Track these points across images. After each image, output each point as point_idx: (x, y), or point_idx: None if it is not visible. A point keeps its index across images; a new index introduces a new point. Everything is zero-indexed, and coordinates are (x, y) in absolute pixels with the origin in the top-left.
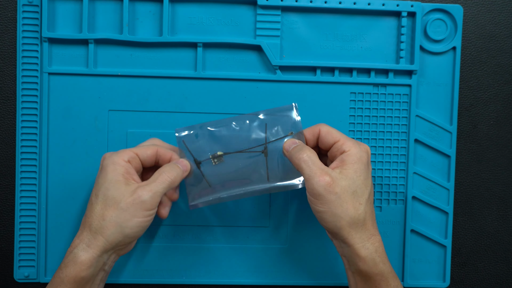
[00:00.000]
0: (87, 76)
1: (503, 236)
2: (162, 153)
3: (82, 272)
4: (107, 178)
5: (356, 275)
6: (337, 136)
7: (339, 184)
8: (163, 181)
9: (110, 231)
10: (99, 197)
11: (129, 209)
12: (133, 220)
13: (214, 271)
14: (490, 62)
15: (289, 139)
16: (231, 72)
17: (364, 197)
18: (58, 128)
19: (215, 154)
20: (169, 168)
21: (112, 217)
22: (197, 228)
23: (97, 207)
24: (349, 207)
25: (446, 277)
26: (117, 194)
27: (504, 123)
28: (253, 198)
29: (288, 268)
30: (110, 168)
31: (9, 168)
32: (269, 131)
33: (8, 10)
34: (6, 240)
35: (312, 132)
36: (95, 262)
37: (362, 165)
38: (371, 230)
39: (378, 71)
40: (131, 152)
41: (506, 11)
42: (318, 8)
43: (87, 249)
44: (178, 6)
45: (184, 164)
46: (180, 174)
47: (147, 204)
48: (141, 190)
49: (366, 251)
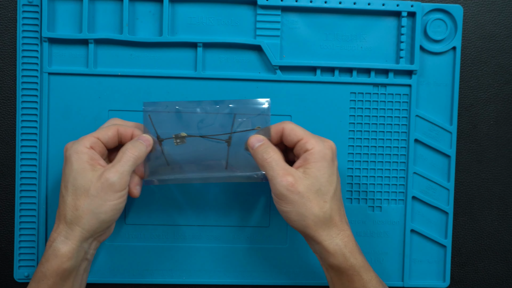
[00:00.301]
0: (87, 76)
1: (503, 236)
2: (123, 132)
3: (64, 264)
4: (73, 168)
5: (329, 270)
6: (301, 134)
7: (302, 183)
8: (127, 160)
9: (85, 220)
10: (69, 188)
11: (100, 194)
12: (106, 205)
13: (214, 271)
14: (490, 62)
15: (253, 135)
16: (231, 72)
17: (329, 194)
18: (58, 128)
19: (178, 135)
20: (132, 145)
21: (84, 206)
22: (197, 228)
23: (68, 198)
24: (313, 206)
25: (446, 277)
26: (85, 182)
27: (504, 123)
28: (253, 198)
29: (288, 268)
30: (74, 158)
31: (9, 168)
32: (237, 121)
33: (8, 10)
34: (6, 240)
35: (276, 130)
36: (76, 252)
37: (325, 162)
38: (339, 226)
39: (378, 71)
40: (91, 137)
41: (506, 11)
42: (318, 8)
43: (66, 241)
44: (178, 6)
45: (146, 139)
46: (143, 149)
47: (116, 185)
48: (108, 172)
49: (336, 246)
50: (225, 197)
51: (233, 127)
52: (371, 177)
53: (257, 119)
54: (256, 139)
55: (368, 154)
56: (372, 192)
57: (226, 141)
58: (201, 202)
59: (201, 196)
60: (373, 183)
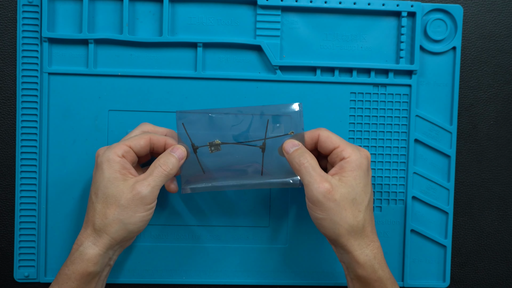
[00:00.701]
0: (87, 76)
1: (503, 236)
2: (155, 141)
3: (89, 268)
4: (104, 176)
5: (355, 281)
6: (337, 142)
7: (338, 191)
8: (160, 175)
9: (114, 229)
10: (99, 195)
11: (130, 206)
12: (136, 216)
13: (214, 271)
14: (490, 62)
15: (289, 140)
16: (231, 72)
17: (363, 204)
18: (58, 128)
19: (213, 142)
20: (165, 160)
21: (114, 215)
22: (197, 228)
23: (98, 206)
24: (348, 215)
25: (446, 277)
26: (116, 192)
27: (504, 123)
28: (253, 198)
29: (288, 268)
30: (106, 166)
31: (9, 168)
32: (270, 127)
33: (8, 10)
34: (6, 240)
35: (311, 136)
36: (102, 258)
37: (361, 172)
38: (370, 237)
39: (378, 71)
40: (124, 146)
41: (506, 11)
42: (318, 8)
43: (93, 246)
44: (178, 6)
45: (179, 153)
46: (176, 164)
47: (147, 199)
48: (140, 185)
49: (365, 257)
50: (225, 197)
51: (266, 133)
52: (371, 177)
53: (289, 124)
54: (291, 144)
55: None
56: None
57: (261, 147)
58: (201, 202)
59: (201, 196)
60: (373, 183)
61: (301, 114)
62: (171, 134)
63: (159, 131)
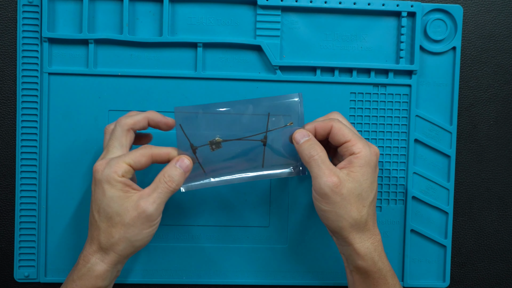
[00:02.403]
0: (87, 76)
1: (503, 236)
2: (157, 156)
3: (98, 284)
4: (106, 195)
5: (354, 273)
6: (348, 136)
7: (345, 185)
8: (165, 191)
9: (121, 247)
10: (101, 214)
11: (136, 224)
12: (142, 233)
13: (214, 271)
14: (490, 62)
15: (299, 130)
16: (231, 72)
17: (368, 200)
18: (58, 128)
19: (214, 140)
20: (170, 174)
21: (120, 234)
22: (197, 228)
23: (102, 225)
24: (352, 209)
25: (446, 277)
26: (120, 210)
27: (504, 123)
28: (253, 198)
29: (288, 268)
30: (107, 186)
31: (9, 168)
32: (270, 118)
33: (8, 10)
34: (6, 240)
35: (324, 127)
36: (110, 273)
37: (370, 168)
38: (371, 230)
39: (378, 71)
40: (124, 164)
41: (506, 11)
42: (318, 8)
43: (101, 263)
44: (178, 6)
45: (185, 165)
46: (182, 178)
47: (153, 216)
48: (145, 202)
49: (366, 250)
50: (225, 197)
51: (268, 126)
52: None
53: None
54: (301, 134)
55: None
56: None
57: (262, 141)
58: (201, 202)
59: (201, 196)
60: None
61: (301, 105)
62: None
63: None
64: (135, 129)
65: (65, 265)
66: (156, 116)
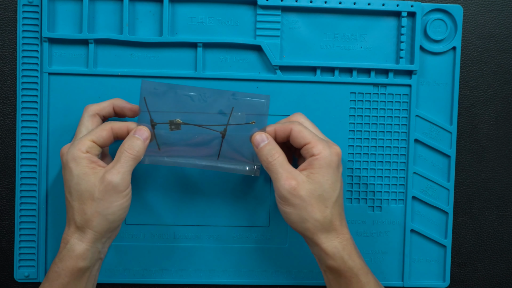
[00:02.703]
0: (87, 76)
1: (503, 236)
2: (117, 130)
3: (79, 264)
4: (73, 174)
5: (327, 273)
6: (308, 138)
7: (304, 187)
8: (127, 160)
9: (95, 222)
10: (73, 193)
11: (105, 197)
12: (113, 206)
13: (214, 271)
14: (490, 62)
15: (258, 133)
16: (231, 72)
17: (331, 200)
18: (58, 128)
19: (174, 121)
20: (129, 144)
21: (92, 209)
22: (197, 228)
23: (75, 204)
24: (314, 210)
25: (446, 277)
26: (88, 186)
27: (504, 123)
28: (253, 198)
29: (288, 268)
30: (73, 164)
31: (9, 168)
32: (234, 113)
33: (8, 10)
34: (6, 240)
35: (284, 130)
36: (91, 252)
37: (330, 169)
38: (338, 230)
39: (378, 71)
40: (87, 141)
41: (506, 11)
42: (318, 8)
43: (80, 243)
44: (178, 6)
45: (143, 134)
46: (142, 145)
47: (120, 186)
48: (109, 174)
49: (334, 249)
50: (225, 197)
51: (229, 119)
52: (371, 177)
53: (254, 115)
54: (260, 138)
55: (368, 154)
56: (372, 192)
57: (221, 133)
58: (201, 202)
59: (201, 196)
60: (373, 183)
61: (267, 107)
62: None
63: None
64: (101, 115)
65: None
66: (121, 103)
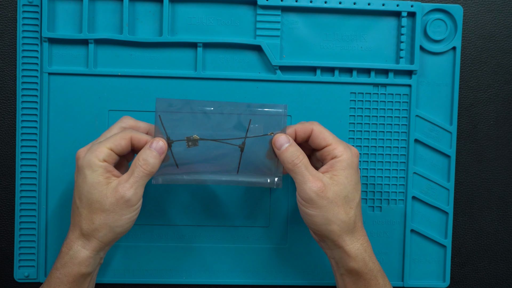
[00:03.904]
0: (87, 76)
1: (503, 236)
2: (136, 141)
3: (82, 270)
4: (87, 181)
5: (345, 276)
6: (329, 139)
7: (331, 189)
8: (142, 175)
9: (102, 233)
10: (83, 200)
11: (116, 210)
12: (122, 219)
13: (214, 271)
14: (490, 62)
15: (279, 135)
16: (231, 72)
17: (355, 201)
18: (58, 128)
19: (191, 137)
20: (144, 157)
21: (101, 220)
22: (197, 228)
23: (83, 211)
24: (340, 212)
25: (446, 277)
26: (100, 197)
27: (504, 123)
28: (253, 198)
29: (288, 268)
30: (88, 171)
31: (9, 168)
32: (252, 125)
33: (8, 10)
34: (6, 240)
35: (304, 130)
36: (93, 259)
37: (352, 170)
38: (360, 231)
39: (378, 71)
40: (105, 149)
41: (506, 11)
42: (318, 8)
43: (83, 250)
44: (178, 6)
45: (159, 147)
46: (157, 160)
47: (131, 201)
48: (122, 188)
49: (357, 251)
50: (225, 197)
51: (247, 132)
52: (371, 177)
53: (272, 125)
54: (283, 140)
55: (368, 154)
56: (372, 192)
57: (240, 146)
58: (201, 202)
59: (201, 196)
60: (373, 183)
61: (285, 116)
62: (152, 131)
63: (140, 126)
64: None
65: None
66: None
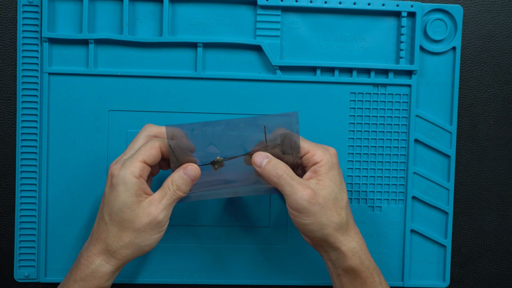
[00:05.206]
0: (87, 76)
1: (503, 236)
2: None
3: (103, 284)
4: (119, 199)
5: (342, 276)
6: (306, 147)
7: (320, 194)
8: (174, 198)
9: (130, 251)
10: (113, 218)
11: (146, 230)
12: (151, 238)
13: (214, 271)
14: (490, 62)
15: (257, 153)
16: (231, 72)
17: (343, 200)
18: (58, 128)
19: (215, 160)
20: (178, 183)
21: (130, 239)
22: (197, 228)
23: (112, 228)
24: (333, 214)
25: (446, 277)
26: (132, 216)
27: (504, 123)
28: (253, 198)
29: (288, 268)
30: (122, 188)
31: (9, 168)
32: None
33: (8, 10)
34: (6, 240)
35: None
36: (114, 274)
37: (335, 171)
38: (353, 229)
39: (378, 71)
40: (139, 163)
41: (506, 11)
42: (318, 8)
43: (106, 265)
44: (178, 6)
45: (193, 176)
46: (189, 186)
47: (163, 222)
48: (155, 210)
49: (353, 249)
50: (224, 198)
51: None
52: (371, 177)
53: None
54: (261, 157)
55: (368, 154)
56: (372, 192)
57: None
58: (201, 202)
59: None
60: (373, 183)
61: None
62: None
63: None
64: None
65: (65, 265)
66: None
